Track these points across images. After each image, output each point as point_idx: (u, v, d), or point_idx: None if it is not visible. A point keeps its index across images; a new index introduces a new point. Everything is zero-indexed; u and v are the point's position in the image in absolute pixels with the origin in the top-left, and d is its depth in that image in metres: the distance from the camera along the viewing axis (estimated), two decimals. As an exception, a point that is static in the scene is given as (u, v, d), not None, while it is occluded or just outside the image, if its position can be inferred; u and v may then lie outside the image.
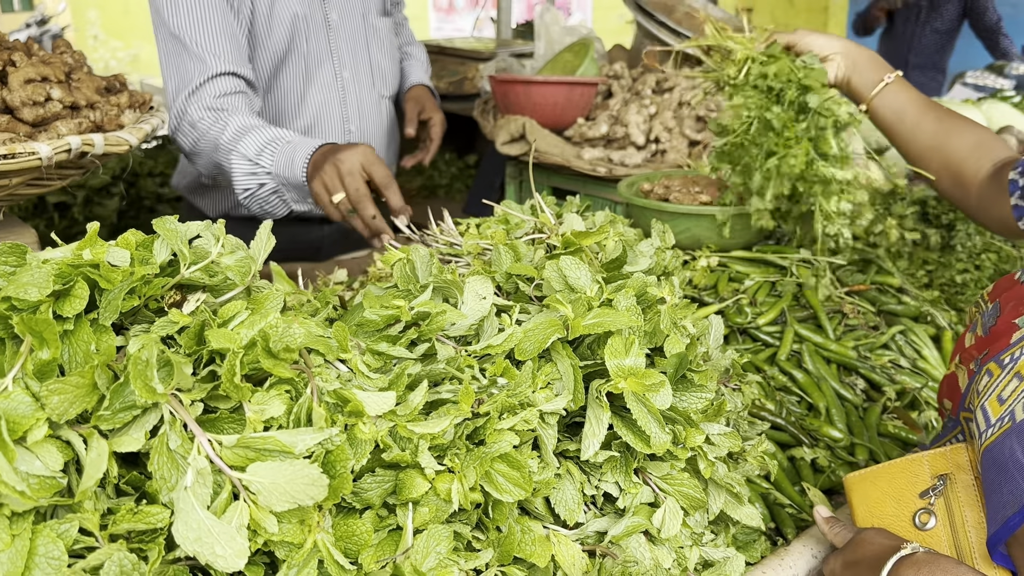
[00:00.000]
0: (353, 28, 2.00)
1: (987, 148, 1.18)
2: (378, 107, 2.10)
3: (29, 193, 1.45)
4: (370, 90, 2.06)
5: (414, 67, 2.30)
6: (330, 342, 0.73)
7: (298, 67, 1.93)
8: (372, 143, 2.09)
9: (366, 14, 2.04)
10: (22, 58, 1.49)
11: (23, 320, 0.59)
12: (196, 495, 0.58)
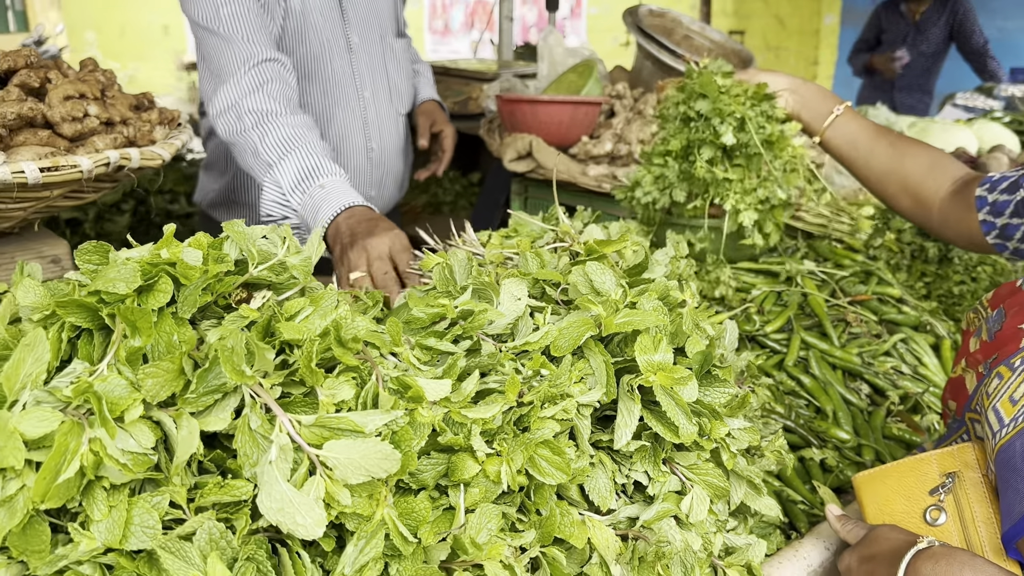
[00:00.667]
0: (372, 49, 2.08)
1: (943, 167, 1.25)
2: (396, 124, 2.17)
3: (65, 205, 1.51)
4: (388, 108, 2.13)
5: (423, 84, 2.38)
6: (384, 336, 0.78)
7: (322, 88, 1.99)
8: (391, 159, 2.16)
9: (384, 36, 2.12)
10: (57, 76, 1.55)
11: (121, 310, 0.65)
12: (279, 469, 0.63)
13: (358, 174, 2.10)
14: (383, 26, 2.11)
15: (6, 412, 0.62)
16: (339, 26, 1.99)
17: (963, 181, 1.22)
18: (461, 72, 3.17)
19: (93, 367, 0.66)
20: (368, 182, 2.13)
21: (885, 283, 1.68)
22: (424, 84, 2.39)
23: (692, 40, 3.06)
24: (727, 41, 3.04)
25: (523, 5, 9.24)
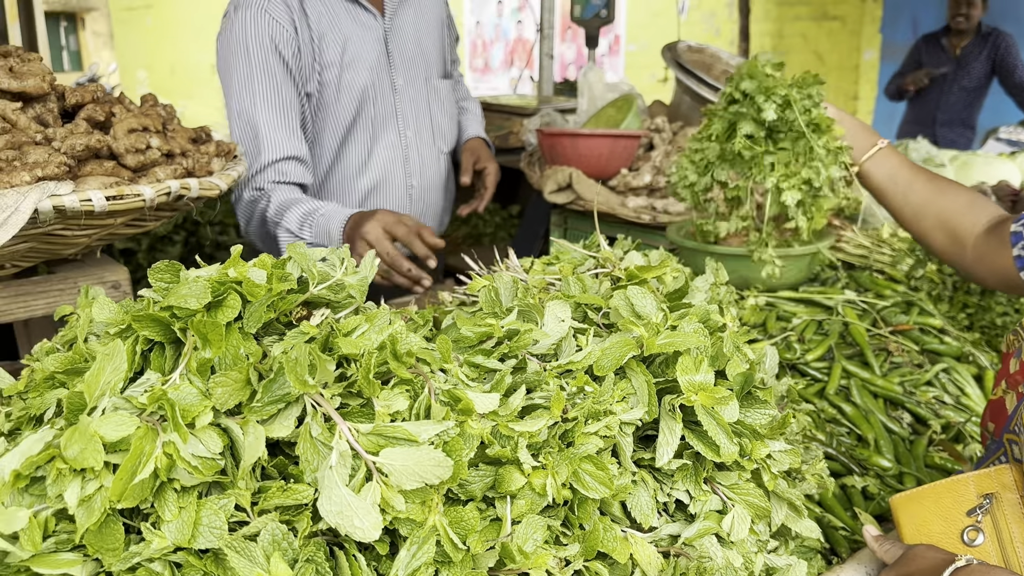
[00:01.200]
0: (417, 90, 2.15)
1: (980, 205, 1.26)
2: (437, 162, 2.24)
3: (127, 232, 1.58)
4: (431, 147, 2.20)
5: (470, 121, 2.44)
6: (434, 353, 0.82)
7: (365, 129, 2.08)
8: (431, 195, 2.23)
9: (429, 77, 2.19)
10: (120, 110, 1.63)
11: (193, 324, 0.70)
12: (339, 474, 0.67)
13: (398, 209, 2.18)
14: (428, 68, 2.19)
15: (87, 417, 0.66)
16: (385, 69, 2.07)
17: (998, 219, 1.23)
18: (502, 107, 3.23)
19: (165, 377, 0.71)
20: None
21: (927, 313, 1.68)
22: (471, 121, 2.45)
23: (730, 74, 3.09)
24: (766, 76, 3.07)
25: (562, 43, 9.37)
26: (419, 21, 2.16)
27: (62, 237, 1.42)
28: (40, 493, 0.66)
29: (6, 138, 1.41)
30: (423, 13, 2.18)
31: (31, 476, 0.65)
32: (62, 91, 1.61)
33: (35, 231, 1.35)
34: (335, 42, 1.99)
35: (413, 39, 2.13)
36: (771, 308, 1.64)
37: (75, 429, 0.65)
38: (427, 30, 2.18)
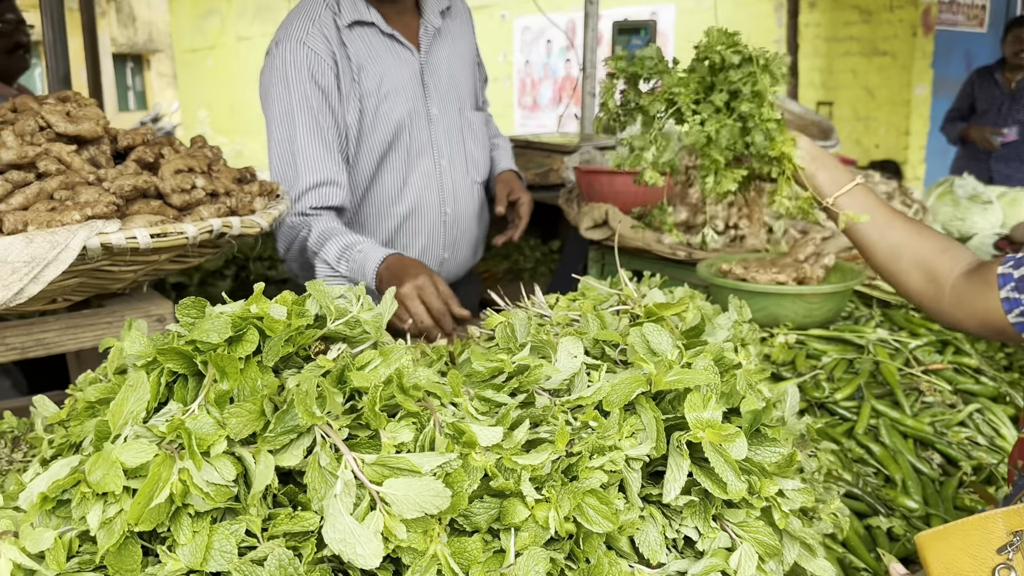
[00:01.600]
0: (451, 121, 2.21)
1: (958, 249, 1.24)
2: (471, 191, 2.29)
3: (172, 268, 1.65)
4: (464, 176, 2.26)
5: (502, 155, 2.49)
6: (445, 387, 0.85)
7: (401, 156, 2.14)
8: (465, 223, 2.28)
9: (462, 109, 2.25)
10: (169, 151, 1.71)
11: (212, 357, 0.74)
12: (343, 503, 0.70)
13: (432, 236, 2.23)
14: (462, 100, 2.26)
15: (110, 444, 0.70)
16: (420, 99, 2.14)
17: (979, 263, 1.22)
18: (543, 145, 3.29)
19: (186, 408, 0.75)
20: (442, 244, 2.26)
21: (962, 353, 1.65)
22: (503, 156, 2.50)
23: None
24: (807, 113, 3.07)
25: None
26: (452, 57, 2.24)
27: (110, 272, 1.50)
28: (66, 515, 0.70)
29: (60, 179, 1.49)
30: (456, 50, 2.26)
31: (57, 499, 0.70)
32: (115, 134, 1.69)
33: (84, 267, 1.42)
34: (373, 74, 2.07)
35: (447, 73, 2.21)
36: (801, 346, 1.63)
37: (99, 455, 0.69)
38: (460, 66, 2.26)
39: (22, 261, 1.30)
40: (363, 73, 2.06)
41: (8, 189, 1.41)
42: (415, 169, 2.18)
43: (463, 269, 2.40)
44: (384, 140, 2.11)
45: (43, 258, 1.32)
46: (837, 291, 1.60)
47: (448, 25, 2.25)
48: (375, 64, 2.08)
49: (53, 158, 1.52)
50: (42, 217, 1.38)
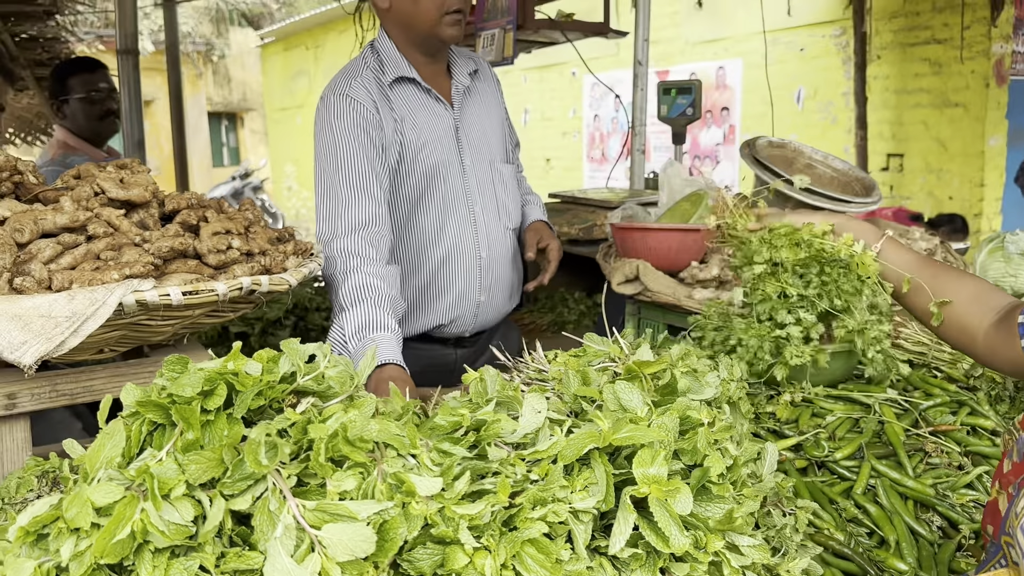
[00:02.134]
0: (482, 172, 2.38)
1: (988, 295, 1.25)
2: (504, 237, 2.44)
3: (210, 322, 1.77)
4: (497, 222, 2.42)
5: (533, 208, 2.62)
6: (403, 439, 0.92)
7: (437, 202, 2.31)
8: (500, 268, 2.44)
9: (492, 161, 2.43)
10: (213, 215, 1.85)
11: (177, 409, 0.83)
12: (283, 545, 0.77)
13: (469, 279, 2.37)
14: (492, 153, 2.43)
15: (85, 485, 0.80)
16: (454, 151, 2.32)
17: (1008, 308, 1.23)
18: (588, 201, 3.36)
19: (157, 453, 0.84)
20: (478, 287, 2.39)
21: (979, 414, 1.63)
22: (534, 208, 2.63)
23: (814, 169, 3.11)
24: (850, 169, 3.07)
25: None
26: (482, 115, 2.43)
27: (148, 326, 1.63)
28: (46, 548, 0.80)
29: (108, 240, 1.64)
30: (485, 109, 2.46)
31: (39, 533, 0.79)
32: (163, 198, 1.85)
33: (123, 321, 1.55)
34: (413, 125, 2.25)
35: (478, 128, 2.39)
36: (809, 405, 1.64)
37: (75, 495, 0.79)
38: (489, 124, 2.45)
39: (64, 316, 1.44)
40: (404, 124, 2.24)
41: (58, 251, 1.56)
42: (451, 214, 2.33)
43: (500, 313, 2.51)
44: (420, 186, 2.27)
45: (83, 313, 1.45)
46: (841, 351, 1.61)
47: (476, 85, 2.44)
48: (415, 116, 2.26)
49: (103, 221, 1.67)
50: (86, 276, 1.52)
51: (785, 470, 1.49)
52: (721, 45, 8.78)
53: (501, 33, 3.84)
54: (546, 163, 11.39)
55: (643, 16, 3.80)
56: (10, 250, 1.49)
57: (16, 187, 1.76)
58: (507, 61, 3.82)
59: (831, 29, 7.78)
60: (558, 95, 11.06)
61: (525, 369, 1.48)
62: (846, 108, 7.52)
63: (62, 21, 5.39)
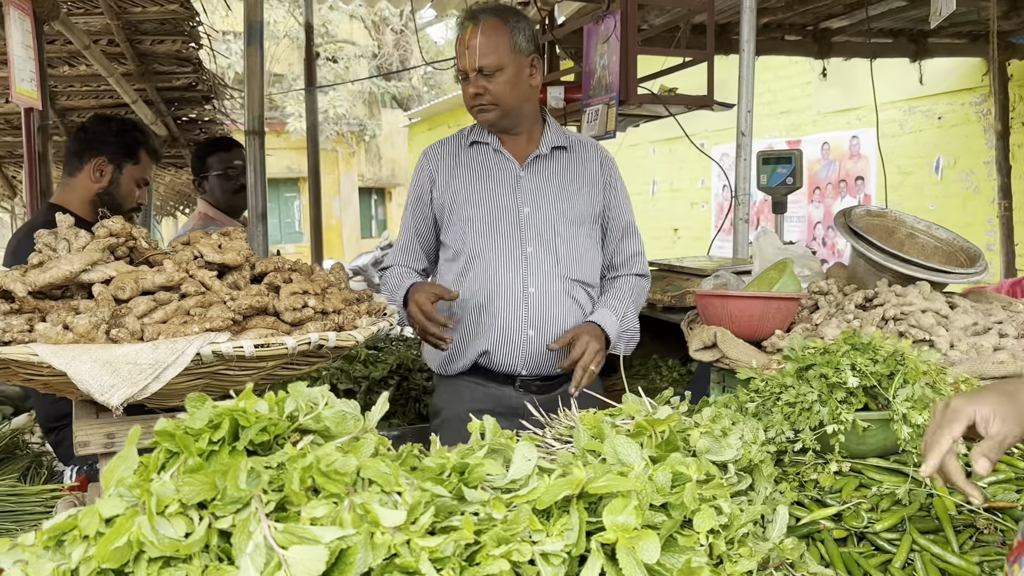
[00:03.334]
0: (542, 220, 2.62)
1: None
2: (559, 279, 2.61)
3: (286, 375, 1.93)
4: (552, 266, 2.60)
5: (604, 303, 2.69)
6: (388, 476, 1.00)
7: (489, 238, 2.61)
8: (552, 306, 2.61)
9: (556, 215, 2.62)
10: (297, 276, 2.03)
11: (179, 438, 0.95)
12: (253, 561, 0.86)
13: (516, 309, 2.59)
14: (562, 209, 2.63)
15: (99, 499, 0.93)
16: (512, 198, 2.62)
17: None
18: (683, 269, 3.38)
19: (163, 475, 0.96)
20: (526, 319, 2.59)
21: (1049, 493, 1.54)
22: (603, 304, 2.68)
23: (916, 239, 3.01)
24: (955, 239, 2.95)
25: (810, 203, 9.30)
26: (561, 175, 2.66)
27: (228, 376, 1.79)
28: (64, 553, 0.92)
29: (198, 298, 1.83)
30: (569, 172, 2.67)
31: (59, 539, 0.92)
32: (254, 262, 2.04)
33: (203, 370, 1.72)
34: (474, 174, 2.64)
35: (549, 184, 2.64)
36: (858, 475, 1.60)
37: (89, 508, 0.91)
38: (569, 185, 2.65)
39: (148, 363, 1.62)
40: (467, 172, 2.63)
41: (152, 306, 1.76)
42: (502, 249, 2.58)
43: (556, 354, 2.59)
44: (477, 220, 2.59)
45: (164, 362, 1.63)
46: (885, 418, 1.56)
47: (560, 155, 2.69)
48: (478, 168, 2.64)
49: (196, 281, 1.87)
50: (172, 328, 1.71)
51: (822, 539, 1.46)
52: (854, 114, 8.59)
53: (604, 108, 3.97)
54: (674, 233, 11.36)
55: (746, 87, 3.82)
56: (108, 304, 1.70)
57: (131, 251, 2.00)
58: (610, 135, 3.93)
59: (971, 97, 7.47)
60: (687, 166, 11.07)
61: (557, 424, 1.54)
62: (988, 177, 7.16)
63: (218, 105, 5.99)
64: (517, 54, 2.51)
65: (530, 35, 2.56)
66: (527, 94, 2.59)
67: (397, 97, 24.25)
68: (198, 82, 5.31)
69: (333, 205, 22.44)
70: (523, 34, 2.53)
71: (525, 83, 2.56)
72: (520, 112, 2.60)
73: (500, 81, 2.50)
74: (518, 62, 2.52)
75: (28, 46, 3.41)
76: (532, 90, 2.60)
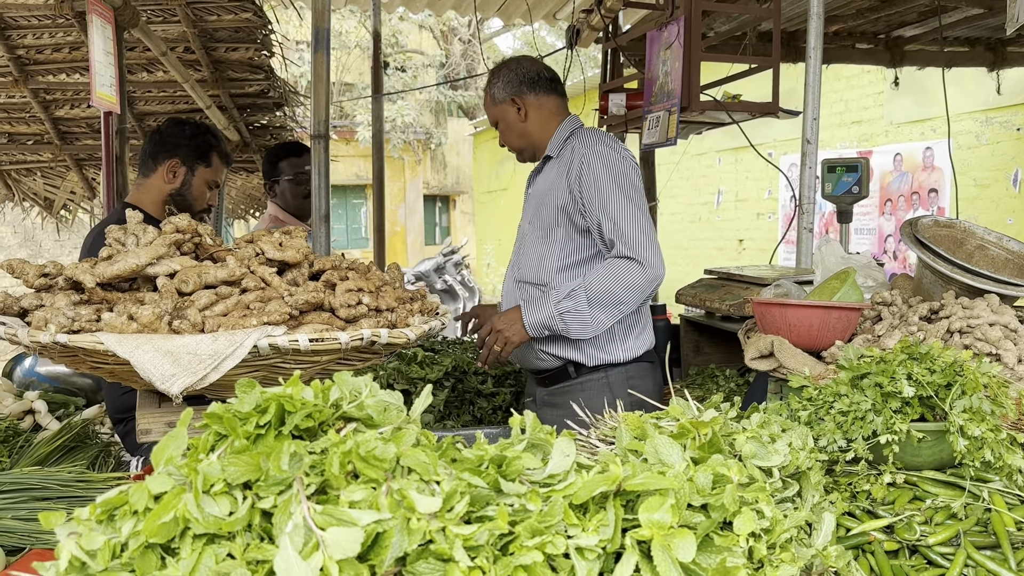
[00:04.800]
0: (526, 221, 2.99)
1: None
2: (510, 285, 2.99)
3: (339, 370, 1.97)
4: (510, 272, 2.98)
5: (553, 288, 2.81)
6: (427, 466, 1.02)
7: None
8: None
9: (528, 220, 2.94)
10: (353, 275, 2.07)
11: (226, 420, 0.98)
12: (292, 540, 0.89)
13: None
14: (534, 216, 2.89)
15: (149, 476, 0.96)
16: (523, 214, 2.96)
17: None
18: (742, 277, 3.33)
19: (210, 456, 1.00)
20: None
21: (1119, 512, 1.48)
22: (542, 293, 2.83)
23: (987, 251, 2.91)
24: (1027, 250, 2.84)
25: (891, 213, 9.08)
26: (543, 187, 2.90)
27: (283, 369, 1.84)
28: (114, 528, 0.96)
29: (257, 293, 1.88)
30: (547, 184, 2.88)
31: (110, 514, 0.96)
32: (312, 260, 2.09)
33: (260, 363, 1.77)
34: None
35: (535, 196, 2.93)
36: (912, 488, 1.56)
37: (139, 484, 0.95)
38: (546, 193, 2.87)
39: (207, 354, 1.67)
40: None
41: (213, 300, 1.82)
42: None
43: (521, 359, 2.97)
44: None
45: (223, 353, 1.68)
46: (941, 430, 1.52)
47: (549, 164, 2.93)
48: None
49: (256, 277, 1.93)
50: (231, 321, 1.76)
51: (872, 551, 1.43)
52: (928, 125, 8.35)
53: (666, 115, 3.95)
54: (739, 244, 11.19)
55: (812, 94, 3.76)
56: (172, 297, 1.77)
57: (196, 247, 2.07)
58: (671, 142, 3.91)
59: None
60: (753, 176, 10.91)
61: (602, 425, 1.54)
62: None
63: (288, 112, 6.14)
64: (498, 105, 2.92)
65: (505, 82, 2.89)
66: (522, 130, 2.93)
67: (463, 106, 24.47)
68: (270, 89, 5.45)
69: (398, 212, 22.76)
70: (497, 86, 2.91)
71: (517, 125, 2.92)
72: (528, 143, 2.96)
73: (502, 130, 2.97)
74: (502, 111, 2.92)
75: (109, 52, 3.56)
76: (526, 126, 2.91)
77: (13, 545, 1.84)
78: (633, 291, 2.66)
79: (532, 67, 2.93)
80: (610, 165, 2.71)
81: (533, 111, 2.89)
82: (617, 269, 2.66)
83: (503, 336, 2.73)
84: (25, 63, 4.74)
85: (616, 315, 2.69)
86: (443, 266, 12.63)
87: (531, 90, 2.89)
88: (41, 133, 5.52)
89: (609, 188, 2.69)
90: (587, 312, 2.66)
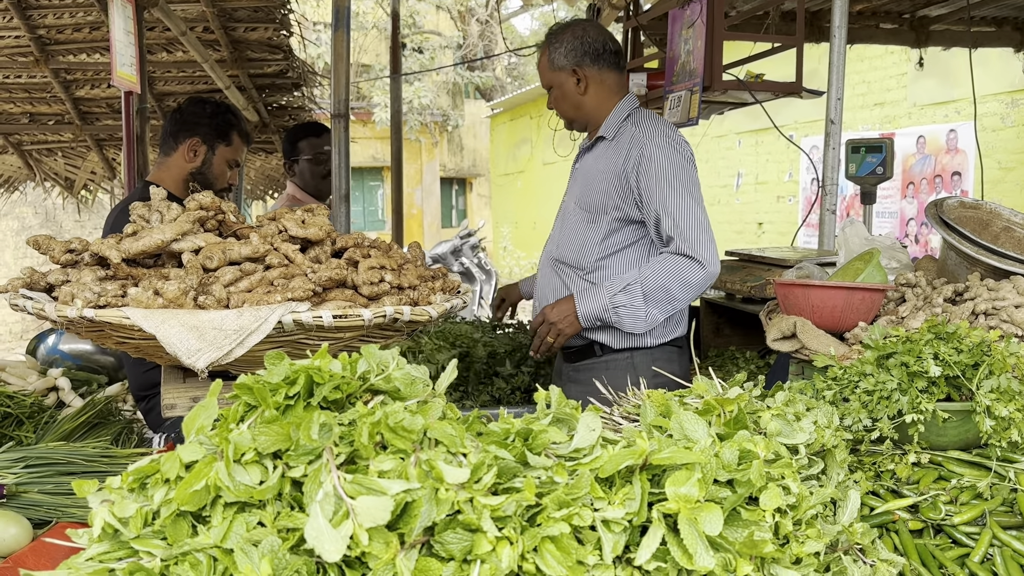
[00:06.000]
0: (566, 205, 2.90)
1: None
2: (547, 261, 2.94)
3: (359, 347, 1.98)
4: (549, 251, 2.90)
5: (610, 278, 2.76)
6: (455, 438, 1.03)
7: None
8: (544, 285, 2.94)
9: (572, 200, 2.86)
10: (375, 252, 2.08)
11: (257, 391, 0.99)
12: (322, 508, 0.89)
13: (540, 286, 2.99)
14: (580, 196, 2.81)
15: (180, 446, 0.97)
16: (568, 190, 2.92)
17: None
18: (764, 259, 3.32)
19: (240, 426, 1.00)
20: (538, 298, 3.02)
21: None
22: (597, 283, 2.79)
23: (1013, 232, 2.87)
24: (1059, 233, 2.80)
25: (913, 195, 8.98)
26: (593, 167, 2.81)
27: (307, 345, 1.85)
28: (146, 496, 0.98)
29: (281, 270, 1.89)
30: (599, 165, 2.79)
31: (142, 482, 0.97)
32: (335, 238, 2.10)
33: (284, 338, 1.78)
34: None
35: (583, 176, 2.84)
36: (937, 467, 1.55)
37: (171, 453, 0.96)
38: (596, 175, 2.78)
39: (232, 329, 1.68)
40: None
41: (238, 276, 1.83)
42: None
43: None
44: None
45: (248, 328, 1.69)
46: (967, 409, 1.51)
47: (602, 145, 2.81)
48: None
49: (280, 254, 1.93)
50: (256, 297, 1.77)
51: (896, 530, 1.42)
52: (953, 107, 8.25)
53: (688, 95, 3.92)
54: (758, 227, 11.12)
55: (836, 74, 3.71)
56: (196, 273, 1.78)
57: (220, 224, 2.08)
58: (692, 122, 3.87)
59: (1081, 88, 7.08)
60: (774, 158, 10.83)
61: (625, 403, 1.54)
62: (1098, 173, 6.78)
63: (307, 92, 6.14)
64: (557, 71, 2.78)
65: (568, 49, 2.75)
66: (578, 102, 2.80)
67: (480, 88, 24.38)
68: (288, 69, 5.45)
69: (415, 194, 22.76)
70: (559, 51, 2.76)
71: (574, 96, 2.78)
72: (582, 116, 2.85)
73: (555, 96, 2.83)
74: (559, 78, 2.78)
75: (129, 32, 3.57)
76: (584, 99, 2.79)
77: (40, 518, 1.86)
78: (689, 289, 2.63)
79: (599, 37, 2.77)
80: (671, 158, 2.63)
81: (594, 85, 2.76)
82: (676, 266, 2.62)
83: (556, 328, 2.69)
84: (46, 43, 4.76)
85: (669, 311, 2.67)
86: (460, 249, 12.63)
87: (594, 63, 2.75)
88: (62, 113, 5.56)
89: (670, 183, 2.62)
90: (642, 307, 2.63)
